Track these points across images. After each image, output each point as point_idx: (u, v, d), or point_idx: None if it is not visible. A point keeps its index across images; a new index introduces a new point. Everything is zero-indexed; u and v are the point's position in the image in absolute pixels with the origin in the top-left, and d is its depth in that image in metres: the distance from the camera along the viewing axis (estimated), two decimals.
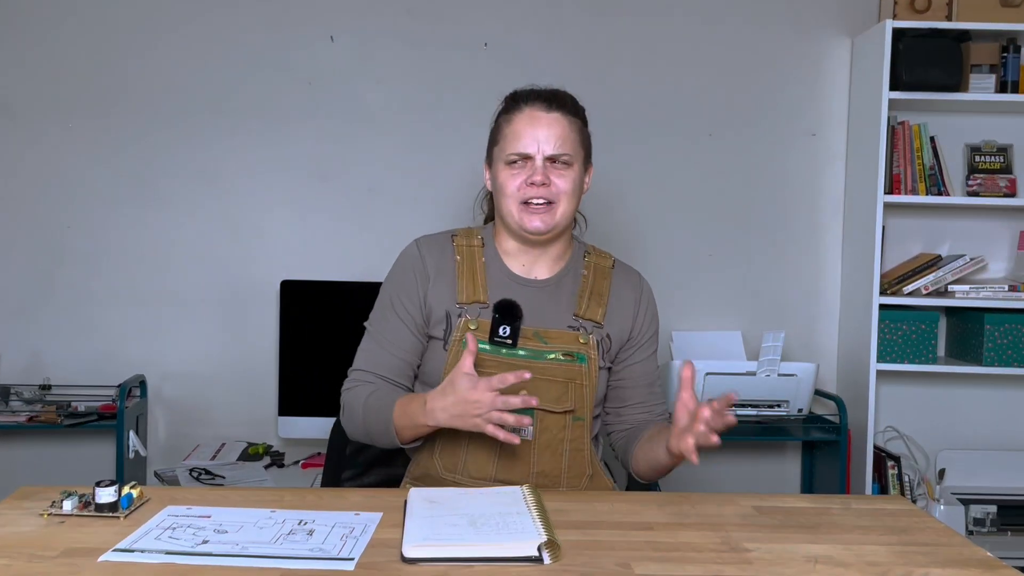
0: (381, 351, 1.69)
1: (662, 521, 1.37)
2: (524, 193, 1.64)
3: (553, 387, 1.65)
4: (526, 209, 1.65)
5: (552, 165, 1.65)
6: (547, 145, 1.64)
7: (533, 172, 1.64)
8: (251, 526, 1.29)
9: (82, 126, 3.02)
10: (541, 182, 1.63)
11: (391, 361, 1.68)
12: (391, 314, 1.69)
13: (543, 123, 1.65)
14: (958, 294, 2.93)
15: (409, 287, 1.69)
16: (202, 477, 2.68)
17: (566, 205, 1.66)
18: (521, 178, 1.65)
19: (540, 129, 1.64)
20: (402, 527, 1.27)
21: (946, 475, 3.09)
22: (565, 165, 1.66)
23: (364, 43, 3.05)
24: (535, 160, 1.64)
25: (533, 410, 1.63)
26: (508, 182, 1.66)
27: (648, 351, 1.77)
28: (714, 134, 3.12)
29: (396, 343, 1.68)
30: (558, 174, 1.65)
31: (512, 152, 1.65)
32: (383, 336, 1.69)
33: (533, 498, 1.38)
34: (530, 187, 1.63)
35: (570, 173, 1.66)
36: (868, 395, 2.90)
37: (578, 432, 1.67)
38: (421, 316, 1.68)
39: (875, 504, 1.53)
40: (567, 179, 1.65)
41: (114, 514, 1.32)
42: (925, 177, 2.94)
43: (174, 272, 3.04)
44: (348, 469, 1.88)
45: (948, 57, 2.84)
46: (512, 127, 1.67)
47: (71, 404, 2.89)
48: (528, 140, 1.64)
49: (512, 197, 1.65)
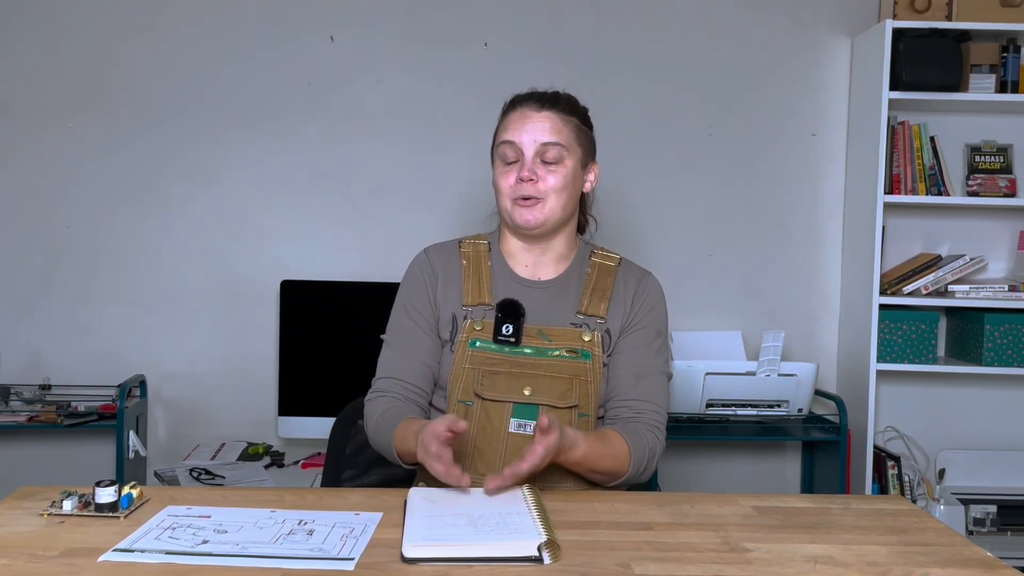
0: (400, 357, 1.71)
1: (662, 521, 1.37)
2: (516, 190, 1.67)
3: (558, 383, 1.65)
4: (517, 205, 1.68)
5: (542, 163, 1.67)
6: (536, 138, 1.66)
7: (522, 168, 1.67)
8: (251, 526, 1.29)
9: (82, 126, 3.02)
10: (528, 178, 1.66)
11: (411, 366, 1.69)
12: (406, 320, 1.72)
13: (533, 119, 1.68)
14: (958, 294, 2.92)
15: (420, 291, 1.73)
16: (202, 477, 2.68)
17: (555, 201, 1.67)
18: (513, 175, 1.68)
19: (529, 124, 1.67)
20: (402, 527, 1.27)
21: (946, 475, 3.09)
22: (556, 162, 1.67)
23: (364, 43, 3.05)
24: (525, 155, 1.67)
25: (538, 405, 1.64)
26: (501, 179, 1.70)
27: (640, 341, 1.71)
28: (714, 134, 3.12)
29: (414, 347, 1.70)
30: (547, 171, 1.67)
31: (500, 140, 1.70)
32: (401, 343, 1.72)
33: (533, 498, 1.38)
34: (520, 184, 1.66)
35: (560, 170, 1.67)
36: (868, 395, 2.90)
37: (584, 427, 1.67)
38: (434, 318, 1.71)
39: (875, 504, 1.53)
40: (557, 175, 1.67)
41: (114, 514, 1.32)
42: (925, 177, 2.94)
43: (174, 272, 3.04)
44: (348, 469, 1.88)
45: (948, 57, 2.84)
46: (504, 124, 1.71)
47: (71, 404, 2.89)
48: (516, 132, 1.67)
49: (505, 194, 1.69)
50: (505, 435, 1.64)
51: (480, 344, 1.66)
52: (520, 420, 1.64)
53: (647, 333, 1.73)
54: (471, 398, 1.65)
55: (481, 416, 1.65)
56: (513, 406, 1.64)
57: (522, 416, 1.64)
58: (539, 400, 1.64)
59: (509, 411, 1.64)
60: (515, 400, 1.64)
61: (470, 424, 1.64)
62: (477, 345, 1.66)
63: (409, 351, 1.70)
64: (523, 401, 1.64)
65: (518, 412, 1.64)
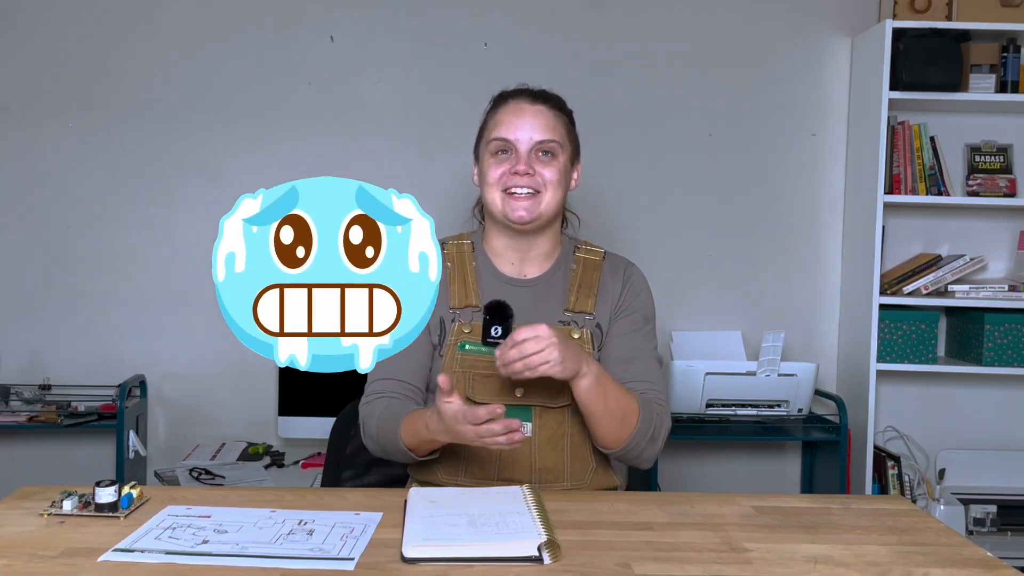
0: (396, 357, 1.68)
1: (662, 521, 1.37)
2: (506, 181, 1.65)
3: (550, 383, 1.64)
4: (510, 198, 1.65)
5: (537, 156, 1.65)
6: (533, 132, 1.64)
7: (517, 161, 1.65)
8: (251, 526, 1.29)
9: (82, 126, 3.02)
10: (525, 171, 1.64)
11: (408, 365, 1.68)
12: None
13: (528, 113, 1.66)
14: (958, 294, 2.92)
15: None
16: (202, 477, 2.68)
17: (551, 195, 1.66)
18: (504, 167, 1.66)
19: (525, 118, 1.66)
20: (402, 527, 1.27)
21: (946, 475, 3.09)
22: (551, 155, 1.66)
23: (364, 43, 3.05)
24: (519, 150, 1.65)
25: (531, 407, 1.63)
26: (491, 171, 1.67)
27: (628, 327, 1.70)
28: (714, 134, 3.12)
29: (411, 346, 1.68)
30: (543, 163, 1.66)
31: (495, 136, 1.66)
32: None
33: (533, 498, 1.38)
34: (513, 176, 1.64)
35: (555, 163, 1.66)
36: (868, 395, 2.89)
37: (578, 426, 1.66)
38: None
39: (875, 504, 1.53)
40: (553, 168, 1.66)
41: (114, 514, 1.32)
42: (925, 177, 2.94)
43: (174, 271, 3.04)
44: (348, 469, 1.88)
45: (948, 57, 2.83)
46: (496, 118, 1.69)
47: (71, 404, 2.89)
48: (512, 127, 1.65)
49: (494, 186, 1.67)
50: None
51: (469, 347, 1.66)
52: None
53: (634, 319, 1.71)
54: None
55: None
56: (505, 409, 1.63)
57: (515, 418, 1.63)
58: (531, 401, 1.64)
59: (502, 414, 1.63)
60: (507, 402, 1.63)
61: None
62: (467, 348, 1.66)
63: (409, 352, 1.68)
64: (515, 403, 1.63)
65: (511, 414, 1.62)
